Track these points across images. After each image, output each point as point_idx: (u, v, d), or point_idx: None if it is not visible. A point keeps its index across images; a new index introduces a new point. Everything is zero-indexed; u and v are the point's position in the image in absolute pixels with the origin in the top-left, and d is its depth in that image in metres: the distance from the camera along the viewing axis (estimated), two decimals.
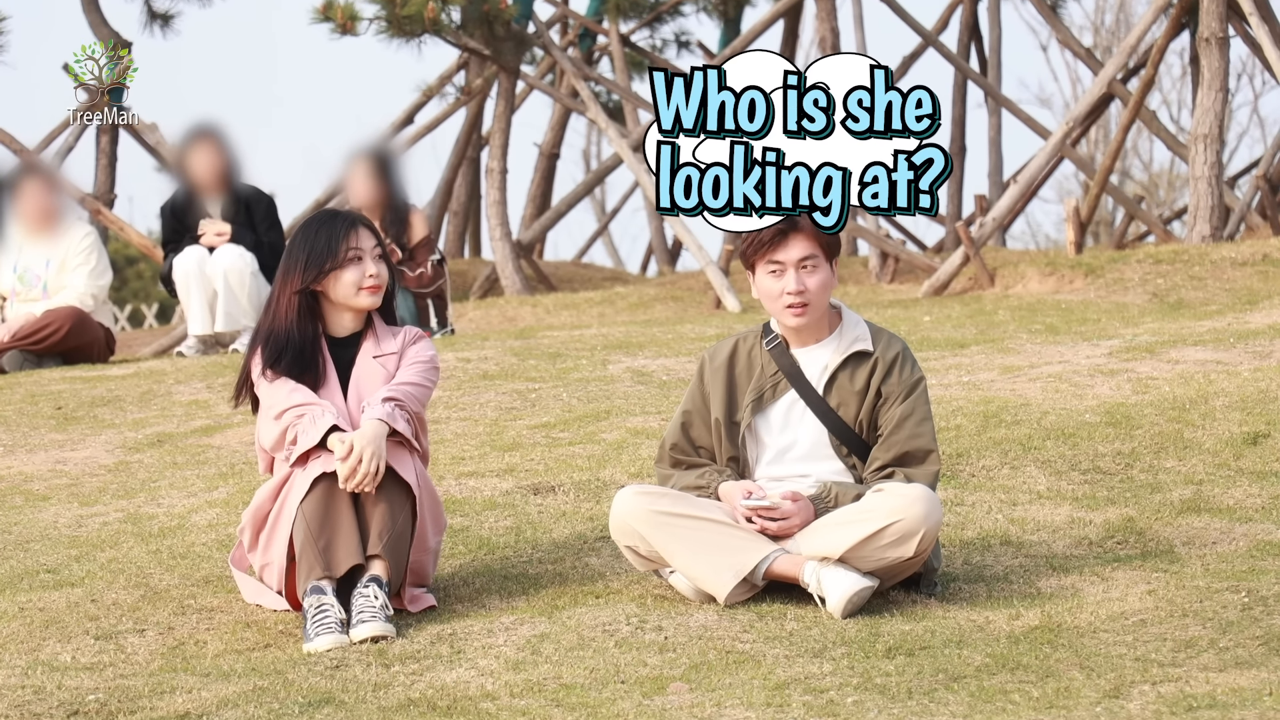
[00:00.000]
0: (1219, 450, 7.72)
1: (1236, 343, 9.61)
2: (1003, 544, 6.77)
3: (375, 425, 6.18)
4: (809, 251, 6.19)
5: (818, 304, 6.24)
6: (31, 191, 12.04)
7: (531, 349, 10.77)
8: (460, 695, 5.37)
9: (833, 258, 6.27)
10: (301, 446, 6.19)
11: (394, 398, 6.27)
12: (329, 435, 6.18)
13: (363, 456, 6.11)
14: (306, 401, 6.26)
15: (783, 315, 6.24)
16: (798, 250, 6.18)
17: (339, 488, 6.15)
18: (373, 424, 6.18)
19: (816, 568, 6.03)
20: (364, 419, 6.21)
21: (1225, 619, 5.75)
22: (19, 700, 5.45)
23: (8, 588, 6.70)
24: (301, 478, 6.19)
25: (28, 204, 11.97)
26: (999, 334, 10.67)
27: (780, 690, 5.25)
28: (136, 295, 28.27)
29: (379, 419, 6.19)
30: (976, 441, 7.87)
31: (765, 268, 6.22)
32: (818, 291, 6.22)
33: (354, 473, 6.10)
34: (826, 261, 6.23)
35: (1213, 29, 14.42)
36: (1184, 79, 31.07)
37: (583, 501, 7.35)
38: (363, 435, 6.15)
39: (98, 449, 8.92)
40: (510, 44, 16.73)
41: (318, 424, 6.20)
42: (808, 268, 6.20)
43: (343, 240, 6.36)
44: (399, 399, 6.28)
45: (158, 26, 18.21)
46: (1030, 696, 5.11)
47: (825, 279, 6.23)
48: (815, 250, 6.20)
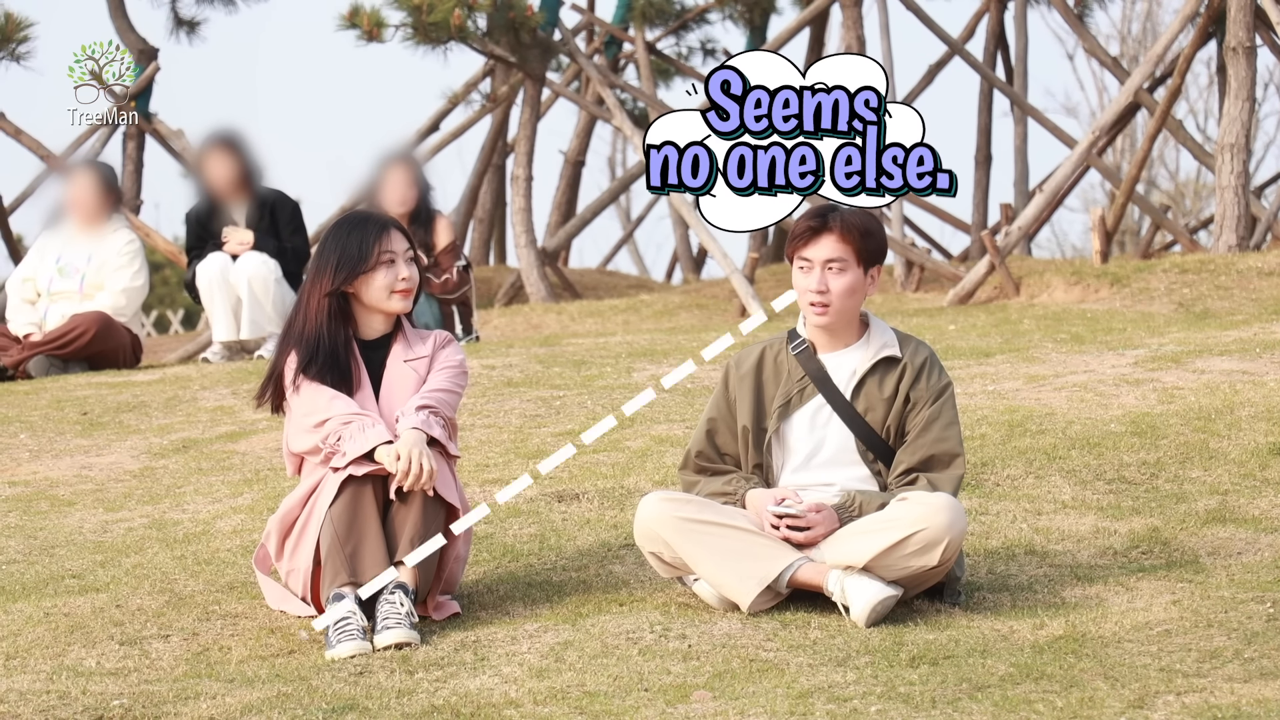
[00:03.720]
0: (1244, 460, 7.70)
1: (1263, 353, 9.58)
2: (1027, 553, 6.76)
3: (411, 436, 6.18)
4: (837, 254, 6.18)
5: (841, 307, 6.22)
6: (83, 185, 12.09)
7: (556, 356, 10.77)
8: (484, 703, 5.37)
9: (869, 264, 6.23)
10: (350, 455, 6.18)
11: (428, 405, 6.28)
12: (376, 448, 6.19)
13: (412, 457, 6.11)
14: (352, 411, 6.25)
15: (807, 312, 6.26)
16: (826, 250, 6.18)
17: (368, 495, 6.15)
18: (410, 433, 6.18)
19: (840, 576, 6.02)
20: (400, 427, 6.22)
21: (1250, 629, 5.73)
22: (44, 705, 5.46)
23: (33, 593, 6.72)
24: (331, 482, 6.19)
25: (79, 197, 12.03)
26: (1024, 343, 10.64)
27: (804, 699, 5.25)
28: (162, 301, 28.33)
29: (415, 427, 6.19)
30: (1001, 451, 7.86)
31: (797, 262, 6.24)
32: (841, 294, 6.20)
33: (406, 474, 6.10)
34: (858, 266, 6.20)
35: (1240, 38, 14.39)
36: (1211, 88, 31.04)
37: (607, 509, 7.35)
38: (405, 441, 6.15)
39: (123, 454, 8.93)
40: (536, 51, 16.75)
41: (367, 434, 6.19)
42: (834, 269, 6.19)
43: (375, 242, 6.36)
44: (433, 406, 6.28)
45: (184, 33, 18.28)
46: (1054, 706, 5.10)
47: (852, 283, 6.21)
48: (844, 254, 6.18)
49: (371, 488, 6.18)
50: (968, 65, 19.14)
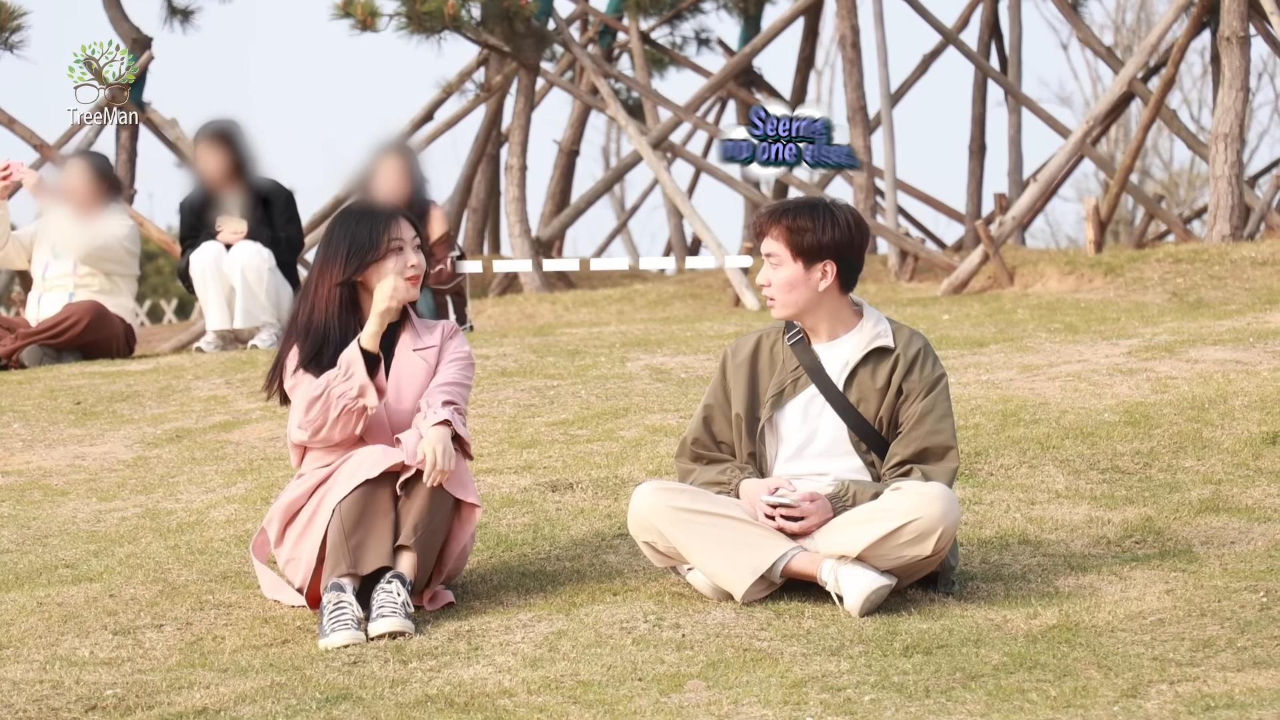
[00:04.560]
0: (1238, 450, 7.71)
1: (1256, 342, 9.59)
2: (1021, 543, 6.77)
3: (437, 431, 6.16)
4: (770, 249, 6.28)
5: (785, 300, 6.26)
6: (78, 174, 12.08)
7: (550, 346, 10.77)
8: (478, 692, 5.37)
9: (809, 259, 6.21)
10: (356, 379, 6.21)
11: (451, 400, 6.28)
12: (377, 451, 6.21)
13: (438, 453, 6.11)
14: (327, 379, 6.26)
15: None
16: (766, 245, 6.30)
17: (381, 492, 6.14)
18: (436, 430, 6.17)
19: (834, 566, 6.03)
20: (424, 424, 6.20)
21: (1243, 619, 5.74)
22: (37, 695, 5.46)
23: (26, 582, 6.72)
24: (344, 478, 6.18)
25: (74, 186, 12.02)
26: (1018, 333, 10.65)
27: (797, 688, 5.25)
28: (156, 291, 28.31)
29: (444, 421, 6.18)
30: (995, 440, 7.86)
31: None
32: (779, 288, 6.25)
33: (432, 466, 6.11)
34: (794, 261, 6.22)
35: (1234, 28, 14.38)
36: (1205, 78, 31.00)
37: (601, 499, 7.35)
38: (431, 437, 6.14)
39: (116, 444, 8.93)
40: (530, 40, 16.73)
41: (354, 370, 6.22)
42: (772, 263, 6.27)
43: (385, 231, 6.37)
44: (456, 402, 6.28)
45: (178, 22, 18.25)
46: (1048, 695, 5.11)
47: (790, 278, 6.23)
48: (777, 249, 6.25)
49: (387, 487, 6.17)
50: (962, 55, 19.14)
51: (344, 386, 6.22)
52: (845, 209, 6.26)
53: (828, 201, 6.27)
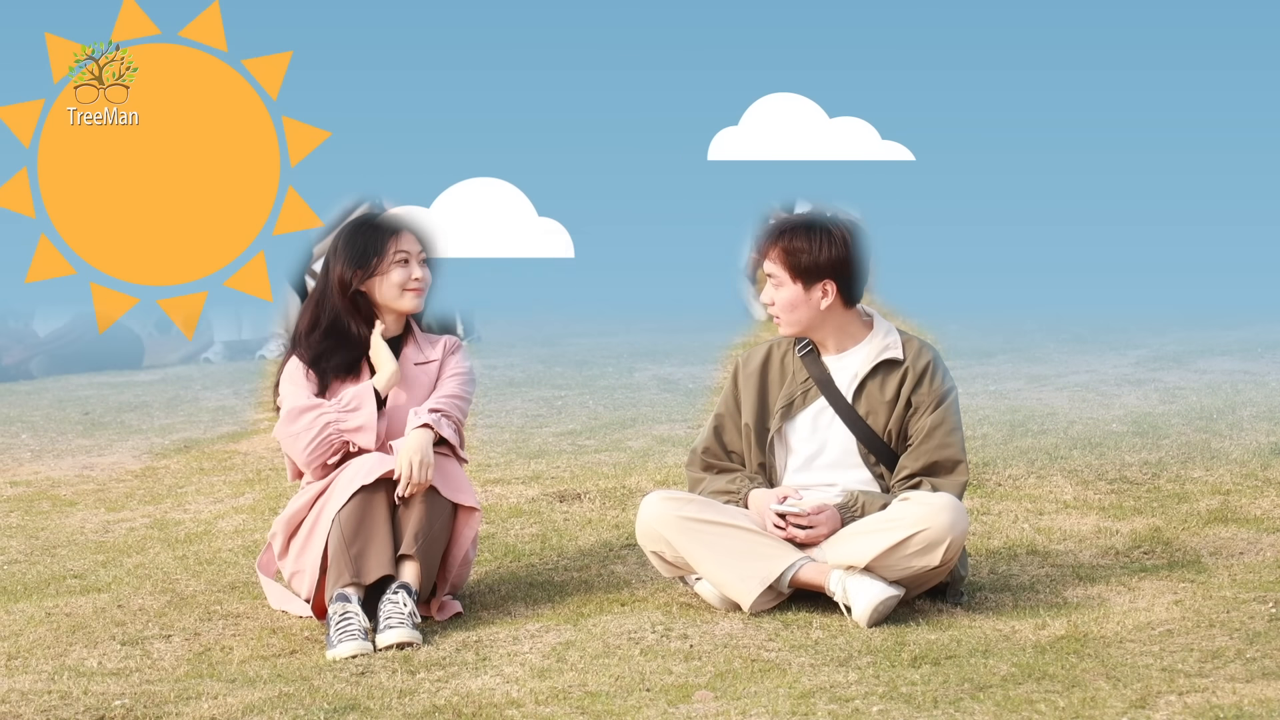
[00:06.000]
0: (1246, 460, 7.70)
1: (1264, 352, 9.59)
2: (1029, 553, 6.76)
3: (418, 434, 6.18)
4: (770, 270, 6.27)
5: (789, 319, 6.26)
6: None
7: (558, 356, 10.77)
8: (485, 702, 5.37)
9: (808, 279, 6.18)
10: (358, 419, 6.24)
11: (440, 408, 6.29)
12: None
13: (413, 464, 6.12)
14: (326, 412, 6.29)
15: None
16: (766, 265, 6.29)
17: (378, 499, 6.15)
18: (416, 433, 6.19)
19: (842, 576, 6.02)
20: (408, 427, 6.23)
21: (1252, 629, 5.73)
22: (45, 705, 5.46)
23: (35, 593, 6.72)
24: (341, 488, 6.19)
25: None
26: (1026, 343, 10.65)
27: (805, 699, 5.25)
28: None
29: (425, 424, 6.21)
30: (1003, 450, 7.86)
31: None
32: (782, 309, 6.25)
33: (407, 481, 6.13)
34: (793, 282, 6.20)
35: None
36: None
37: (609, 509, 7.35)
38: (407, 446, 6.15)
39: (125, 454, 8.94)
40: None
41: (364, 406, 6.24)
42: (772, 283, 6.26)
43: (389, 242, 6.38)
44: (445, 410, 6.30)
45: None
46: (1056, 706, 5.10)
47: (791, 298, 6.22)
48: (776, 270, 6.24)
49: (383, 493, 6.18)
50: None
51: (344, 414, 6.25)
52: (843, 226, 6.22)
53: (826, 219, 6.23)
